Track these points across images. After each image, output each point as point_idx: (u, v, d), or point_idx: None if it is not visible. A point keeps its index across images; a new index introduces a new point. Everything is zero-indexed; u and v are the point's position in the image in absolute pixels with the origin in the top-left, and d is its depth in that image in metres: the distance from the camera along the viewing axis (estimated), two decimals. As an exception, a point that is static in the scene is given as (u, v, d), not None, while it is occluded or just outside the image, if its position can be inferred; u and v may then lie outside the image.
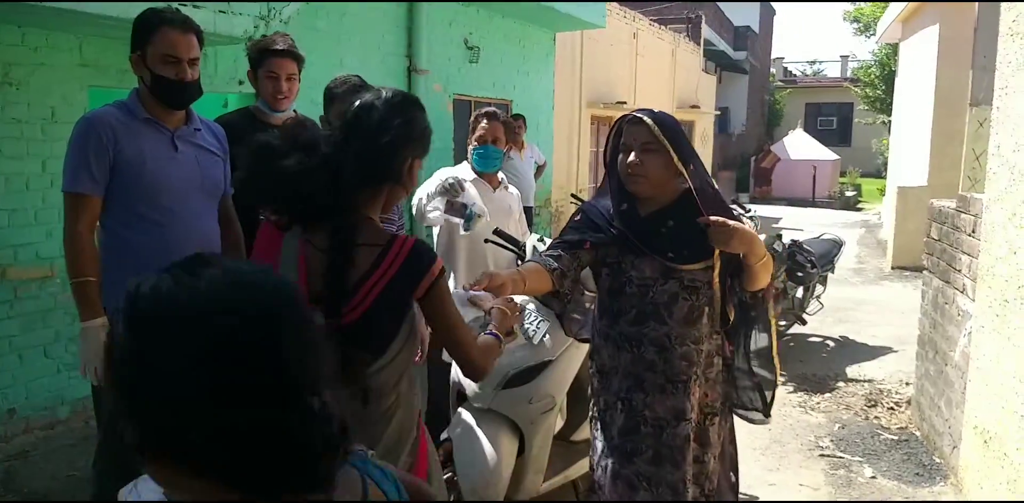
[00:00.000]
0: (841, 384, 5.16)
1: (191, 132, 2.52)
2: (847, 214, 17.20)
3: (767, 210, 14.92)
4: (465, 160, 3.59)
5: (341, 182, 1.62)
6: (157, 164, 2.39)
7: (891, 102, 15.40)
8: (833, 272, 6.70)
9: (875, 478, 3.72)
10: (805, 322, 6.27)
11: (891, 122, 15.47)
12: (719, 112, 21.10)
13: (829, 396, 4.91)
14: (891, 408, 4.69)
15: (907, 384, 5.03)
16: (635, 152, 2.21)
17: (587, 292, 2.56)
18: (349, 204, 1.65)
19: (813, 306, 6.41)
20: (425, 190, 3.26)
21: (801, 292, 6.13)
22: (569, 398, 3.02)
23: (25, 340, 3.98)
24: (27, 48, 3.89)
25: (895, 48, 14.77)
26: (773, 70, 31.34)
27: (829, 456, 3.97)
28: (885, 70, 18.53)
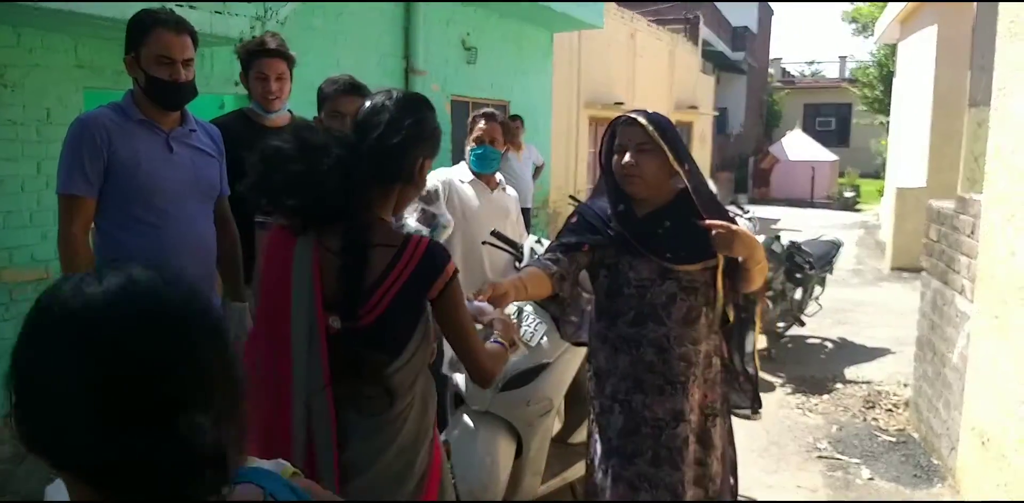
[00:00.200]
0: (839, 386, 5.15)
1: (186, 133, 2.51)
2: (845, 215, 17.22)
3: (765, 211, 14.93)
4: (463, 161, 3.58)
5: (353, 183, 1.62)
6: (152, 165, 2.38)
7: (889, 103, 15.40)
8: (831, 273, 6.69)
9: (873, 480, 3.71)
10: (804, 323, 6.27)
11: (889, 123, 15.47)
12: (717, 113, 21.10)
13: (827, 398, 4.90)
14: (889, 410, 4.69)
15: (905, 386, 5.02)
16: (630, 152, 2.21)
17: (584, 293, 2.55)
18: (361, 205, 1.65)
19: (812, 307, 6.41)
20: None
21: (800, 293, 6.13)
22: (566, 400, 3.02)
23: (20, 342, 3.96)
24: (22, 49, 3.89)
25: (893, 49, 14.77)
26: (771, 71, 31.35)
27: (827, 458, 3.96)
28: (883, 71, 18.53)
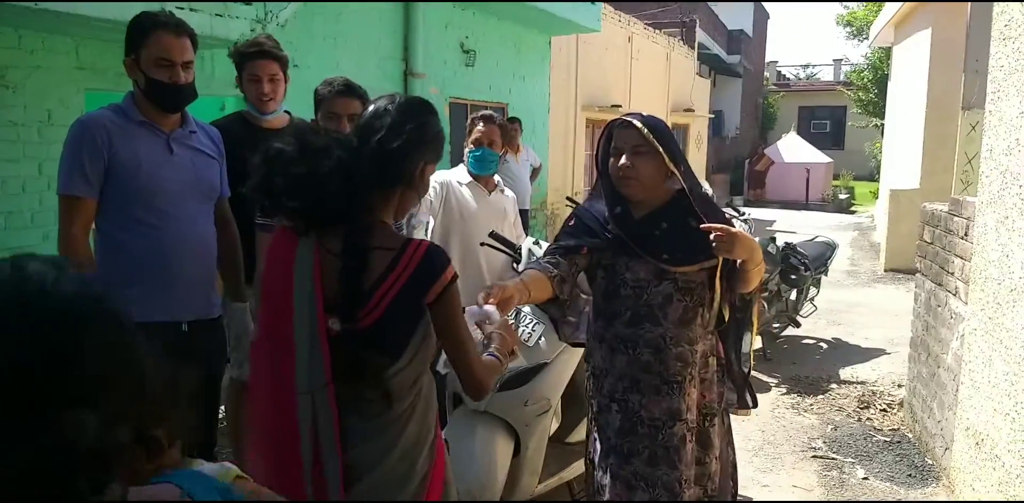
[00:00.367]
0: (834, 386, 5.18)
1: (186, 135, 2.52)
2: (840, 217, 17.27)
3: (760, 213, 14.96)
4: (461, 163, 3.60)
5: (354, 186, 1.63)
6: (152, 167, 2.39)
7: (884, 105, 15.46)
8: (826, 274, 6.73)
9: (867, 479, 3.74)
10: (798, 324, 6.29)
11: (884, 125, 15.53)
12: (713, 115, 21.14)
13: (822, 398, 4.93)
14: (884, 410, 4.72)
15: (899, 386, 5.05)
16: (626, 155, 2.23)
17: (582, 294, 2.57)
18: (362, 208, 1.66)
19: (806, 308, 6.43)
20: None
21: (794, 294, 6.16)
22: (564, 400, 3.04)
23: (20, 342, 3.97)
24: (23, 51, 3.90)
25: (888, 52, 14.84)
26: (767, 74, 31.44)
27: (822, 457, 3.99)
28: (878, 74, 18.60)
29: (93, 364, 0.76)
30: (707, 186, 2.55)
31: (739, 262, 2.22)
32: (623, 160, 2.23)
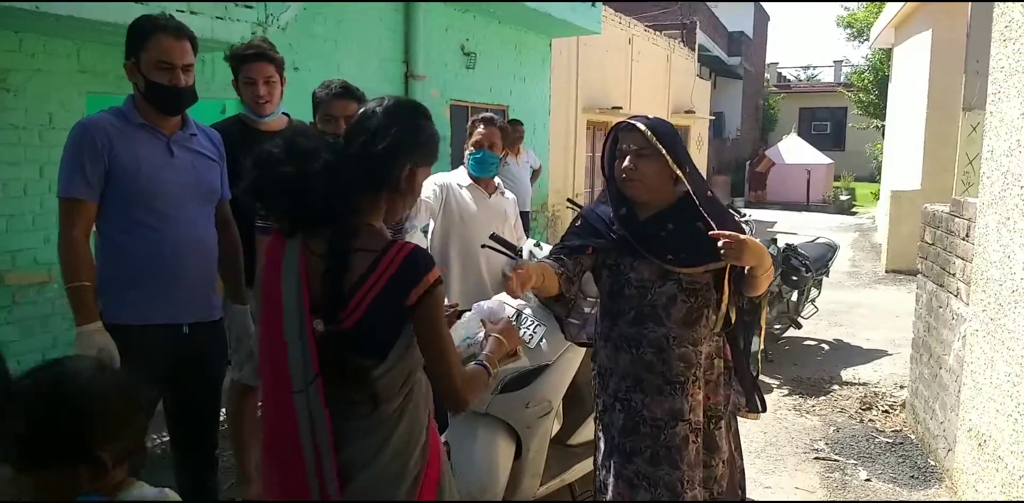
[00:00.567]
0: (836, 387, 5.18)
1: (187, 137, 2.52)
2: (841, 218, 17.26)
3: (761, 214, 14.97)
4: (461, 165, 3.61)
5: (339, 188, 1.63)
6: (153, 169, 2.39)
7: (884, 107, 15.46)
8: (827, 276, 6.72)
9: (870, 481, 3.73)
10: (800, 325, 6.29)
11: (884, 126, 15.54)
12: (714, 117, 21.15)
13: (824, 399, 4.92)
14: (886, 411, 4.71)
15: (901, 387, 5.05)
16: (630, 157, 2.26)
17: (588, 297, 2.58)
18: (348, 210, 1.66)
19: (808, 309, 6.43)
20: None
21: (796, 296, 6.15)
22: (565, 402, 3.03)
23: (23, 345, 3.98)
24: (25, 54, 3.91)
25: (888, 53, 14.84)
26: (767, 75, 31.44)
27: (824, 459, 3.98)
28: (878, 75, 18.61)
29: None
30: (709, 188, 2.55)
31: (748, 268, 2.22)
32: (626, 162, 2.26)
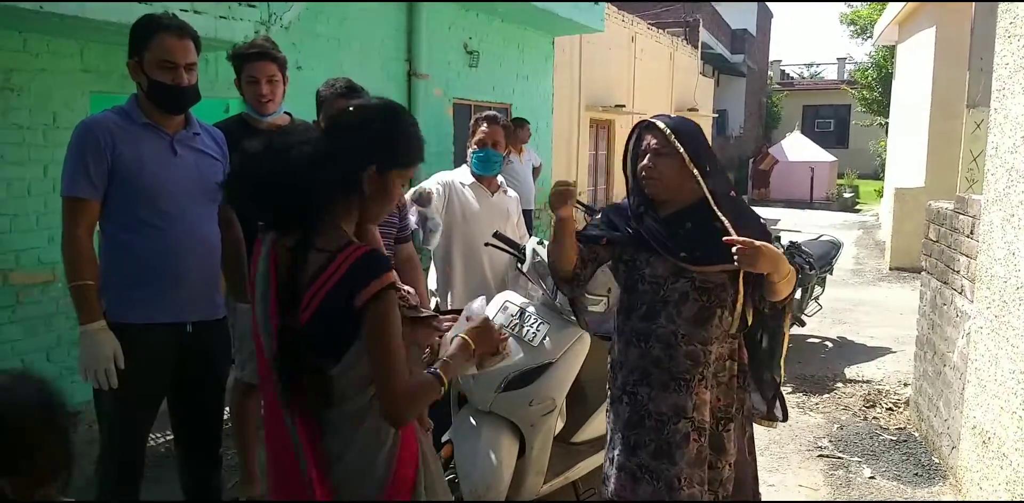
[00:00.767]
0: (840, 385, 5.17)
1: (190, 136, 2.52)
2: (845, 215, 17.23)
3: (765, 212, 14.89)
4: (464, 164, 3.61)
5: (305, 186, 1.62)
6: (156, 168, 2.40)
7: (888, 104, 15.44)
8: (831, 273, 6.71)
9: (874, 478, 3.73)
10: (804, 323, 6.28)
11: (888, 124, 15.50)
12: (717, 115, 21.15)
13: (828, 397, 4.92)
14: (890, 409, 4.71)
15: (905, 385, 5.04)
16: (649, 155, 2.31)
17: (590, 295, 2.62)
18: (314, 209, 1.65)
19: (812, 307, 6.42)
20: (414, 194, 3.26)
21: (800, 293, 6.14)
22: (569, 400, 3.03)
23: (28, 345, 3.99)
24: (29, 54, 3.91)
25: (892, 50, 14.81)
26: (771, 73, 31.39)
27: (828, 457, 3.98)
28: (882, 72, 18.57)
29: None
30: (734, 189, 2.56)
31: (766, 274, 2.20)
32: (645, 160, 2.32)
